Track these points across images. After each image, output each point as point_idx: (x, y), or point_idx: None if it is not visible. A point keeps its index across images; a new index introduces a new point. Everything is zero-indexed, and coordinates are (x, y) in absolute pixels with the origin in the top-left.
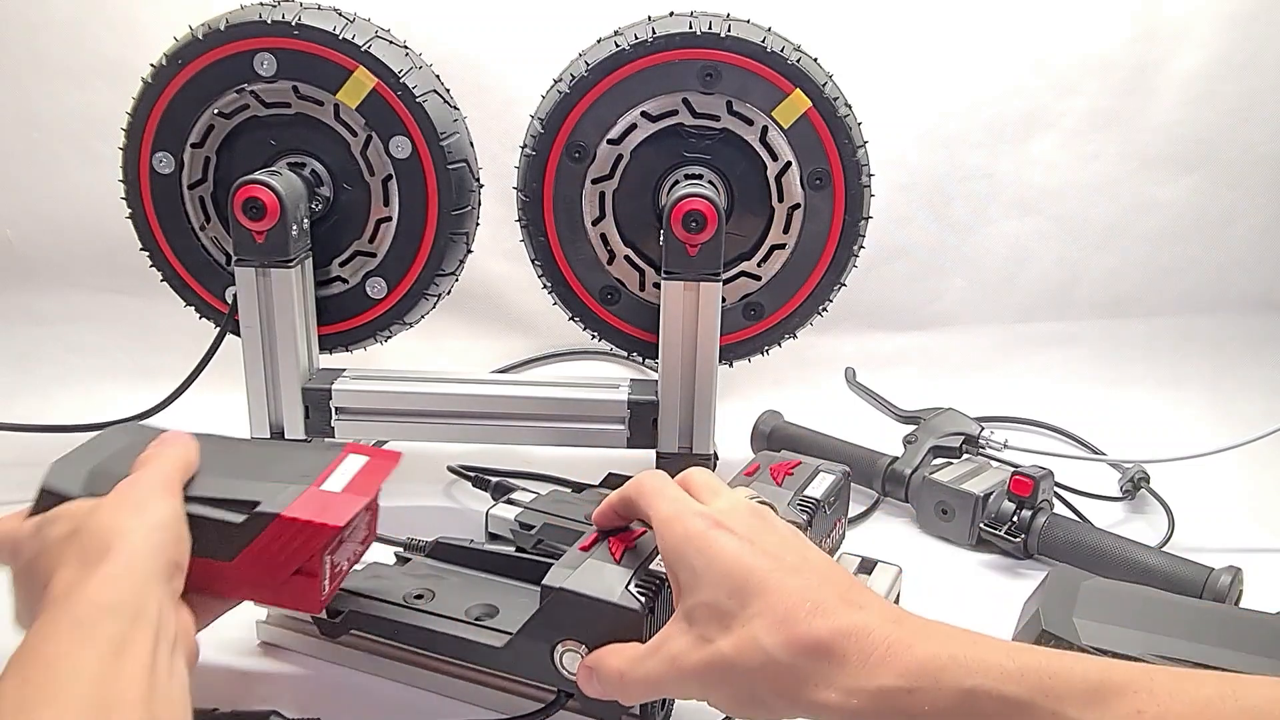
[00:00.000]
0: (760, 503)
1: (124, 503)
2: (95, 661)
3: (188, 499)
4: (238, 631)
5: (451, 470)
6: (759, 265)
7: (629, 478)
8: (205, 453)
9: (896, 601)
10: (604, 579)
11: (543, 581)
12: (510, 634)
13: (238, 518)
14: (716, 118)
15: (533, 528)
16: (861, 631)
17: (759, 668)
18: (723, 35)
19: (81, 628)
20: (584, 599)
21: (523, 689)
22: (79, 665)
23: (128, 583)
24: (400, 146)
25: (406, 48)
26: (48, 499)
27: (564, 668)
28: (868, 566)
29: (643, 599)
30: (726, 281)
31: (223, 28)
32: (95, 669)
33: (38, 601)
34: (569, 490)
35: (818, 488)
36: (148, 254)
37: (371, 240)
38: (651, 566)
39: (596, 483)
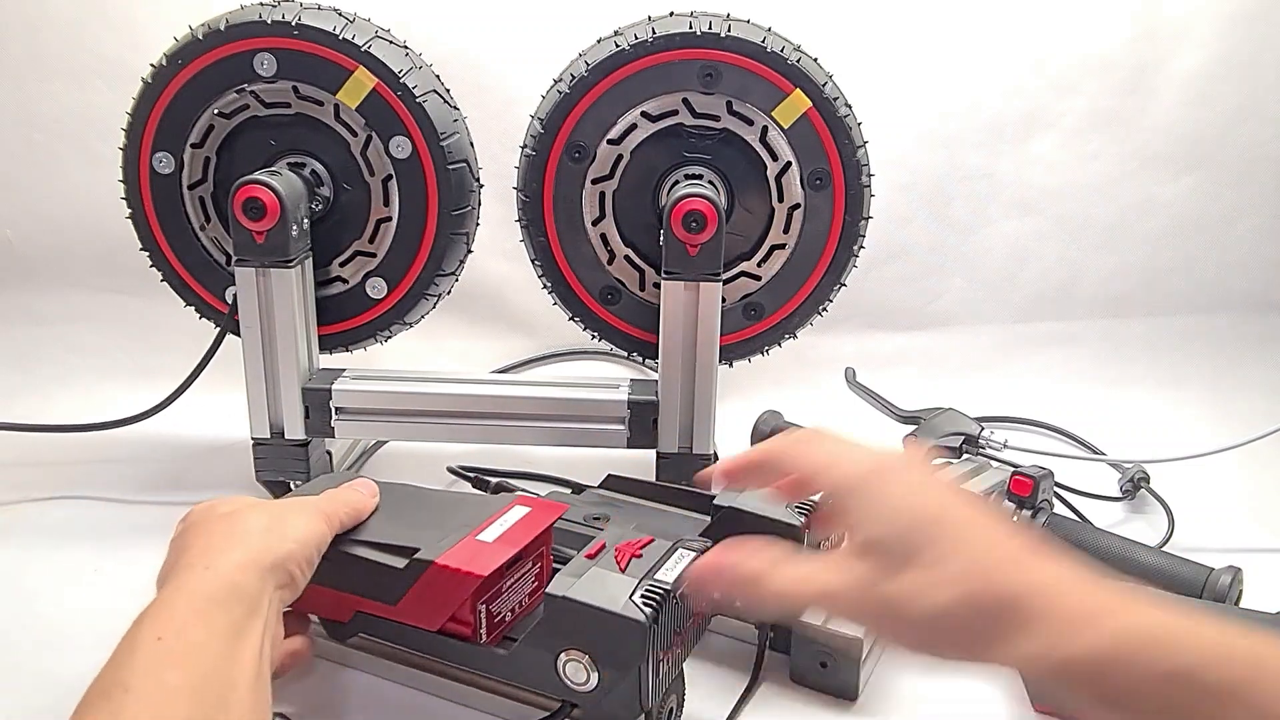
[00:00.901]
0: None
1: (276, 510)
2: (220, 639)
3: (359, 542)
4: None
5: (451, 471)
6: (759, 265)
7: (629, 479)
8: (385, 501)
9: None
10: (608, 588)
11: (546, 590)
12: (515, 640)
13: (400, 563)
14: (716, 118)
15: None
16: (1054, 590)
17: (937, 616)
18: (723, 35)
19: (213, 604)
20: (587, 608)
21: (530, 695)
22: (207, 639)
23: (254, 575)
24: (400, 146)
25: (406, 48)
26: None
27: (567, 677)
28: None
29: (648, 610)
30: (726, 281)
31: (223, 28)
32: (220, 646)
33: (178, 558)
34: (569, 490)
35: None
36: (148, 254)
37: (371, 240)
38: (657, 576)
39: (596, 483)
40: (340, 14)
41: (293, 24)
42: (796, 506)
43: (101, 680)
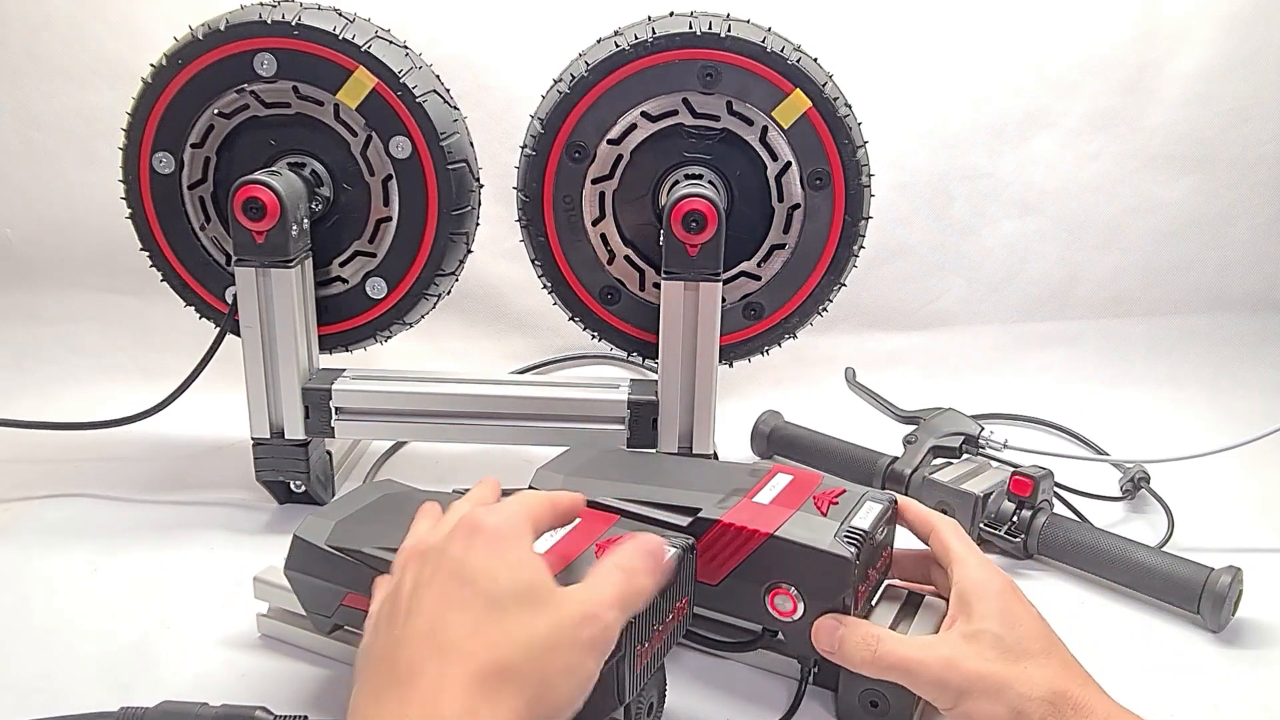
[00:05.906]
0: None
1: (570, 629)
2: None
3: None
4: (239, 625)
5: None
6: (759, 265)
7: None
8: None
9: None
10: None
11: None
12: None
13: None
14: (716, 118)
15: None
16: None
17: (1036, 698)
18: (723, 35)
19: (482, 688)
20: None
21: None
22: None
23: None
24: (400, 146)
25: (406, 48)
26: (297, 547)
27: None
28: (915, 602)
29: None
30: (726, 281)
31: (223, 28)
32: None
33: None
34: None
35: (865, 518)
36: (148, 254)
37: (371, 240)
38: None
39: None
40: (340, 14)
41: (293, 24)
42: (846, 536)
43: None
